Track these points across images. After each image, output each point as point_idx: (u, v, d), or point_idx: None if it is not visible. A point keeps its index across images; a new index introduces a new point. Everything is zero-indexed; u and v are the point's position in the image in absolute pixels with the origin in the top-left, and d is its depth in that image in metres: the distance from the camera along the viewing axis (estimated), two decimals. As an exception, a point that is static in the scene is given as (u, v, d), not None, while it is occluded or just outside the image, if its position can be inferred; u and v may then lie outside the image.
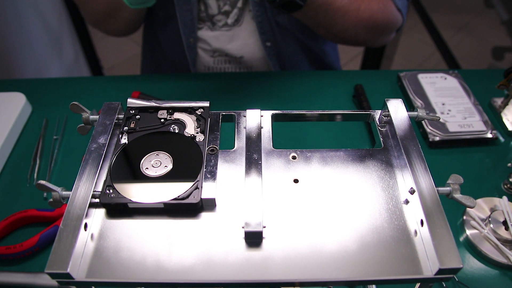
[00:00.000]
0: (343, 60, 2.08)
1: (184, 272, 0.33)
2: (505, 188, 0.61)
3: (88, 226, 0.35)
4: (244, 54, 0.84)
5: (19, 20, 1.15)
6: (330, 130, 0.70)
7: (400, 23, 0.81)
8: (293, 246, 0.35)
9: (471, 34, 2.30)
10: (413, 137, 0.41)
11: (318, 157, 0.41)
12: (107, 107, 0.44)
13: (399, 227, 0.36)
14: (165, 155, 0.40)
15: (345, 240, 0.35)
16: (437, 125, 0.67)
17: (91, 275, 0.33)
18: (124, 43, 2.10)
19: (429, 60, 2.12)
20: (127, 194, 0.36)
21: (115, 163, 0.40)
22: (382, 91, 0.77)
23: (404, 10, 0.79)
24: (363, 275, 0.33)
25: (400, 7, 0.78)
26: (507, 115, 0.71)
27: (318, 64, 0.92)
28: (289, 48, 0.85)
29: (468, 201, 0.37)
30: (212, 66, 0.87)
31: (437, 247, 0.32)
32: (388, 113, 0.44)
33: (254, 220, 0.35)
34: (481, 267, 0.52)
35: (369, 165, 0.41)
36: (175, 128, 0.43)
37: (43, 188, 0.36)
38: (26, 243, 0.52)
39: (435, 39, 1.58)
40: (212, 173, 0.39)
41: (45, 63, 1.30)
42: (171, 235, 0.35)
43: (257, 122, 0.44)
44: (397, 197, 0.38)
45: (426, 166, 0.38)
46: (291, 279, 0.33)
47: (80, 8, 0.84)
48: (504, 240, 0.52)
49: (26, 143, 0.68)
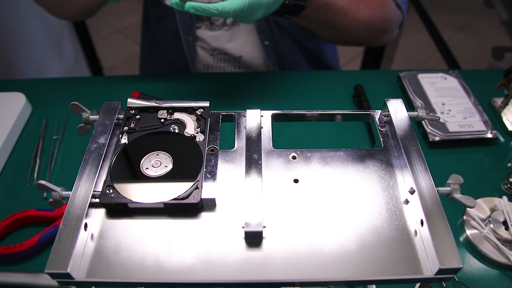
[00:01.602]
0: (343, 60, 2.09)
1: (184, 272, 0.33)
2: (505, 188, 0.61)
3: (88, 226, 0.35)
4: (243, 53, 0.84)
5: (19, 20, 1.15)
6: (330, 130, 0.70)
7: (401, 19, 0.81)
8: (293, 246, 0.35)
9: (471, 34, 2.30)
10: (413, 137, 0.41)
11: (318, 157, 0.41)
12: (107, 107, 0.44)
13: (399, 227, 0.36)
14: (165, 155, 0.40)
15: (345, 240, 0.35)
16: (437, 125, 0.67)
17: (91, 275, 0.33)
18: (124, 43, 2.11)
19: (429, 60, 2.12)
20: (127, 194, 0.36)
21: (115, 163, 0.40)
22: (382, 91, 0.77)
23: (404, 6, 0.79)
24: (363, 275, 0.33)
25: (400, 3, 0.78)
26: (507, 115, 0.71)
27: (317, 63, 0.92)
28: (287, 47, 0.85)
29: (468, 201, 0.37)
30: (211, 64, 0.87)
31: (437, 247, 0.32)
32: (388, 113, 0.44)
33: (254, 220, 0.35)
34: (481, 267, 0.52)
35: (369, 165, 0.41)
36: (175, 128, 0.43)
37: (43, 188, 0.36)
38: (26, 243, 0.51)
39: (435, 39, 1.58)
40: (212, 173, 0.39)
41: (45, 63, 1.30)
42: (171, 235, 0.35)
43: (257, 122, 0.44)
44: (397, 197, 0.38)
45: (426, 166, 0.38)
46: (291, 279, 0.33)
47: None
48: (504, 240, 0.52)
49: (26, 143, 0.68)
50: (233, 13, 0.52)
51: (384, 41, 0.84)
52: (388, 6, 0.76)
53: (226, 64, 0.87)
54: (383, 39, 0.82)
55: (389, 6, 0.76)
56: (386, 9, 0.76)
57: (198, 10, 0.51)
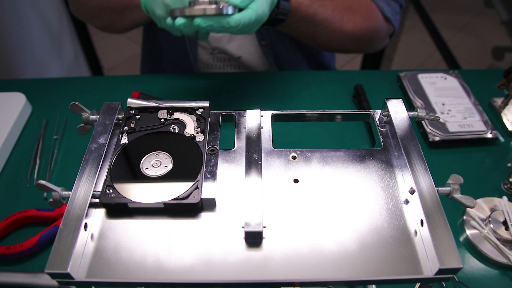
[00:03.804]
0: (343, 60, 2.09)
1: (184, 272, 0.33)
2: (505, 188, 0.61)
3: (88, 226, 0.35)
4: (242, 54, 0.85)
5: (19, 20, 1.15)
6: (330, 130, 0.70)
7: (390, 31, 0.81)
8: (293, 246, 0.35)
9: (471, 34, 2.30)
10: (413, 137, 0.41)
11: (318, 157, 0.41)
12: (107, 107, 0.44)
13: (399, 227, 0.36)
14: (165, 155, 0.40)
15: (345, 240, 0.35)
16: (437, 125, 0.67)
17: (91, 275, 0.33)
18: (124, 43, 2.11)
19: (429, 60, 2.12)
20: (127, 194, 0.36)
21: (115, 163, 0.40)
22: (382, 91, 0.77)
23: (394, 17, 0.78)
24: (363, 275, 0.33)
25: (389, 15, 0.77)
26: (507, 115, 0.71)
27: (315, 63, 0.93)
28: (284, 47, 0.85)
29: (468, 201, 0.37)
30: (211, 63, 0.87)
31: (437, 247, 0.32)
32: (388, 113, 0.44)
33: (254, 220, 0.35)
34: (481, 267, 0.52)
35: (369, 165, 0.41)
36: (175, 128, 0.43)
37: (43, 188, 0.36)
38: (26, 243, 0.51)
39: (435, 39, 1.57)
40: (212, 173, 0.39)
41: (45, 63, 1.30)
42: (171, 235, 0.35)
43: (257, 122, 0.44)
44: (397, 197, 0.38)
45: (426, 166, 0.38)
46: (291, 279, 0.33)
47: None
48: (504, 240, 0.52)
49: (26, 143, 0.68)
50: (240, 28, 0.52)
51: (372, 50, 0.84)
52: (375, 17, 0.76)
53: (225, 63, 0.87)
54: (370, 48, 0.82)
55: (376, 17, 0.76)
56: (372, 21, 0.75)
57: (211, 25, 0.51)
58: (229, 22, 0.51)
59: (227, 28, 0.51)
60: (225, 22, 0.51)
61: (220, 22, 0.50)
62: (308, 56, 0.90)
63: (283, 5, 0.61)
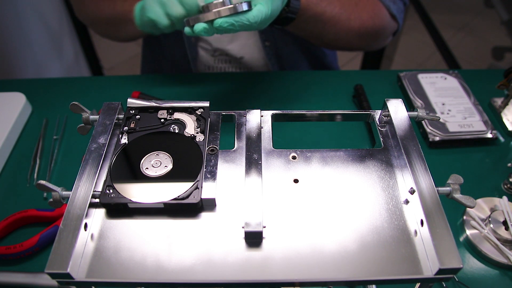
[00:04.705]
0: (344, 60, 2.09)
1: (184, 272, 0.33)
2: (505, 188, 0.61)
3: (88, 226, 0.35)
4: (244, 54, 0.84)
5: (19, 20, 1.15)
6: (330, 130, 0.70)
7: (395, 29, 0.81)
8: (293, 246, 0.35)
9: (471, 34, 2.30)
10: (413, 137, 0.41)
11: (318, 157, 0.41)
12: (107, 107, 0.44)
13: (399, 227, 0.36)
14: (165, 155, 0.40)
15: (345, 240, 0.35)
16: (437, 125, 0.67)
17: (91, 275, 0.33)
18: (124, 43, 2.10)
19: (429, 60, 2.12)
20: (127, 194, 0.36)
21: (115, 163, 0.40)
22: (382, 91, 0.77)
23: (399, 15, 0.78)
24: (363, 275, 0.33)
25: (395, 13, 0.77)
26: (507, 115, 0.71)
27: (317, 64, 0.93)
28: (288, 48, 0.85)
29: (468, 201, 0.37)
30: (212, 65, 0.87)
31: (437, 247, 0.32)
32: (388, 113, 0.44)
33: (254, 220, 0.35)
34: (481, 267, 0.52)
35: (369, 165, 0.41)
36: (175, 128, 0.43)
37: (43, 188, 0.36)
38: (26, 243, 0.51)
39: (435, 39, 1.57)
40: (212, 173, 0.39)
41: (45, 63, 1.30)
42: (171, 235, 0.35)
43: (257, 122, 0.44)
44: (397, 197, 0.38)
45: (426, 166, 0.38)
46: (291, 279, 0.33)
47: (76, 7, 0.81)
48: (504, 240, 0.52)
49: (26, 143, 0.68)
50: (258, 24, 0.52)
51: (377, 47, 0.84)
52: (382, 15, 0.76)
53: (227, 65, 0.87)
54: (375, 45, 0.83)
55: (383, 15, 0.76)
56: (379, 19, 0.75)
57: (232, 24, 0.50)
58: (248, 19, 0.50)
59: (247, 25, 0.51)
60: (245, 19, 0.50)
61: (240, 19, 0.50)
62: (311, 56, 0.90)
63: (294, 4, 0.62)
